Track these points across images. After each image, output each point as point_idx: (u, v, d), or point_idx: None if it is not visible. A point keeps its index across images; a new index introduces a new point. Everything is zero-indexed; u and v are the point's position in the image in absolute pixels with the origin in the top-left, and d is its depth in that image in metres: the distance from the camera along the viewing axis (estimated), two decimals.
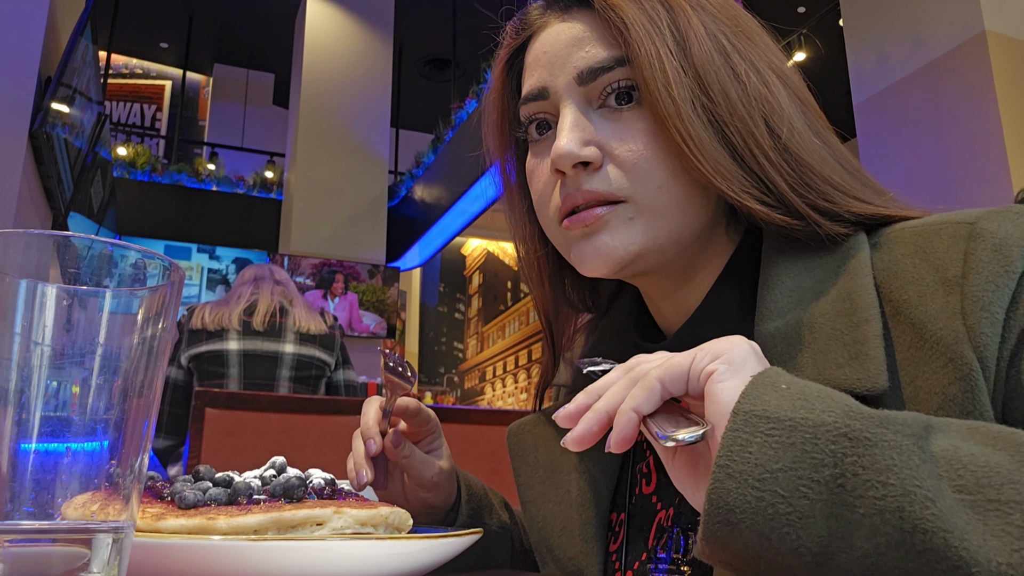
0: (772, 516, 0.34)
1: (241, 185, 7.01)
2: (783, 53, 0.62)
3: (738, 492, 0.35)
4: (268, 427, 2.16)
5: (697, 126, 0.52)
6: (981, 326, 0.45)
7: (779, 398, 0.37)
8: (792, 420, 0.35)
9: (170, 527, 0.45)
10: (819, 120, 0.59)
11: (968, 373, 0.45)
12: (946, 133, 3.31)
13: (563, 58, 0.57)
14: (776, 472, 0.35)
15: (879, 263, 0.52)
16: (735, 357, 0.41)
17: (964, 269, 0.47)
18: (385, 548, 0.46)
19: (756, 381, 0.38)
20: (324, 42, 6.58)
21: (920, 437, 0.35)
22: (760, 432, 0.35)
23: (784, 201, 0.54)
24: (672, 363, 0.41)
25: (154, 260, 0.36)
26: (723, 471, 0.36)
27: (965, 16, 3.25)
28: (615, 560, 0.61)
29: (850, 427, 0.34)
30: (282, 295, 2.59)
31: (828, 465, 0.34)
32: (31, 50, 3.32)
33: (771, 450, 0.35)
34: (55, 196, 3.69)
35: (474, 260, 8.69)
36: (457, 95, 6.31)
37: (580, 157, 0.55)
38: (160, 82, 8.49)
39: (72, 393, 0.33)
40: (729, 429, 0.36)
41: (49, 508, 0.32)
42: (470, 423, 1.73)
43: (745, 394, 0.37)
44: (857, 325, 0.49)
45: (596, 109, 0.57)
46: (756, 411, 0.36)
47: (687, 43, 0.54)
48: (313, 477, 0.55)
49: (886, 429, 0.34)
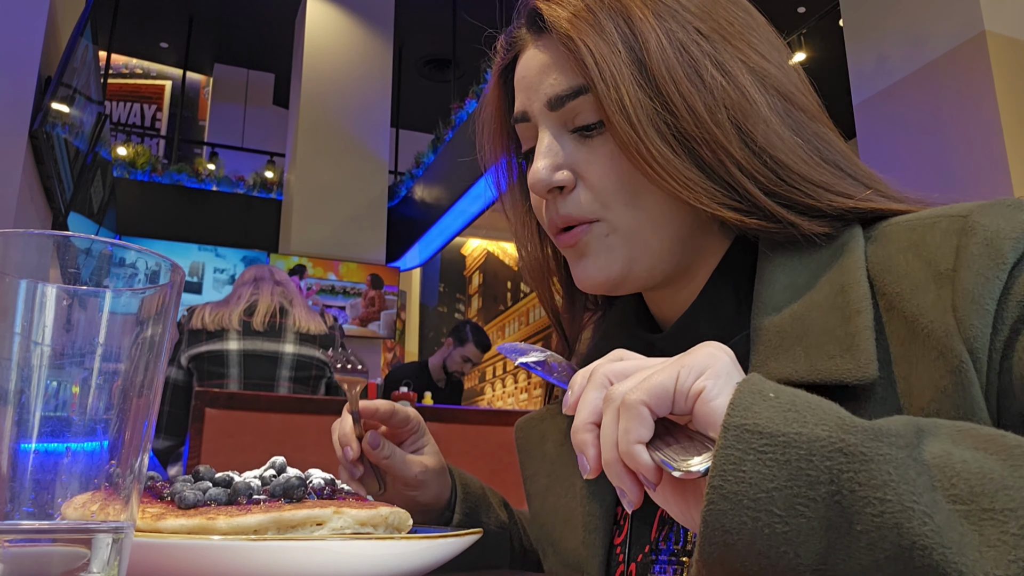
0: (769, 536, 0.34)
1: (241, 185, 7.01)
2: (779, 43, 0.61)
3: (734, 514, 0.34)
4: (268, 427, 2.16)
5: (659, 145, 0.52)
6: (971, 318, 0.45)
7: (770, 409, 0.36)
8: (785, 436, 0.34)
9: (170, 527, 0.45)
10: (805, 113, 0.58)
11: (959, 366, 0.45)
12: (946, 133, 3.31)
13: (535, 84, 0.59)
14: (771, 491, 0.34)
15: (873, 257, 0.52)
16: (720, 371, 0.39)
17: (955, 263, 0.47)
18: (385, 548, 0.46)
19: (742, 390, 0.37)
20: (324, 42, 6.58)
21: (913, 446, 0.34)
22: (753, 449, 0.34)
23: (758, 205, 0.54)
24: (654, 384, 0.39)
25: (154, 260, 0.36)
26: (717, 492, 0.35)
27: (965, 16, 3.25)
28: (619, 553, 0.61)
29: (845, 441, 0.34)
30: (282, 295, 2.59)
31: (824, 482, 0.33)
32: (31, 50, 3.32)
33: (765, 468, 0.34)
34: (55, 196, 3.69)
35: (474, 260, 8.69)
36: (457, 95, 6.31)
37: (552, 183, 0.57)
38: (160, 82, 8.50)
39: (72, 393, 0.33)
40: (721, 446, 0.35)
41: (49, 508, 0.32)
42: (470, 423, 1.73)
43: (734, 405, 0.36)
44: (849, 318, 0.49)
45: (570, 132, 0.58)
46: (747, 425, 0.35)
47: (647, 61, 0.54)
48: (313, 477, 0.55)
49: (880, 442, 0.34)
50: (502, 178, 0.69)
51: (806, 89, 0.60)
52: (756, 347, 0.53)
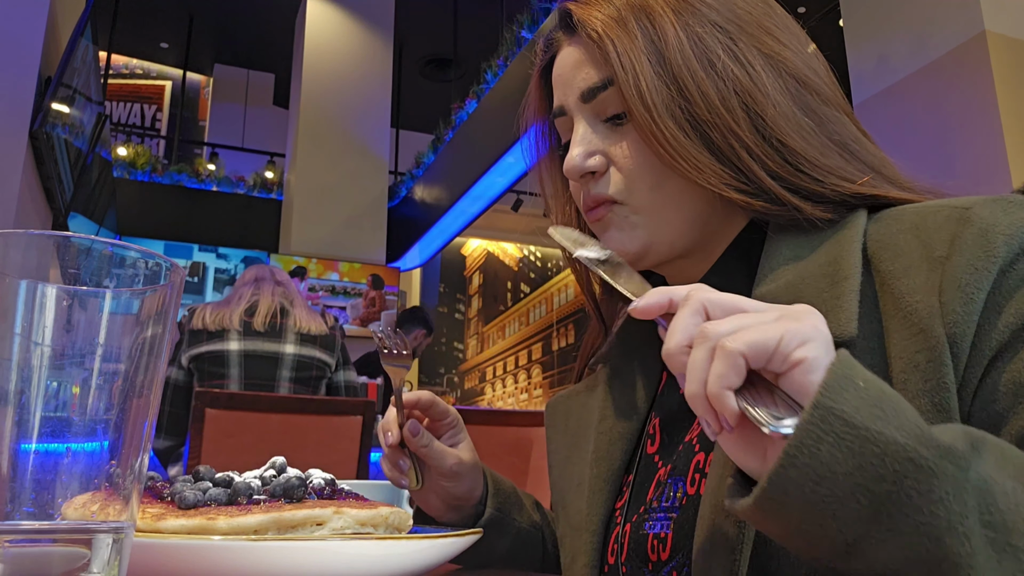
0: (822, 511, 0.37)
1: (241, 185, 7.01)
2: (796, 29, 0.65)
3: (799, 482, 0.37)
4: (268, 427, 2.16)
5: (674, 129, 0.57)
6: (953, 304, 0.47)
7: (858, 399, 0.37)
8: (868, 431, 0.36)
9: (170, 527, 0.45)
10: (819, 97, 0.61)
11: (935, 346, 0.47)
12: (946, 133, 3.32)
13: (570, 80, 0.65)
14: (839, 475, 0.36)
15: (874, 235, 0.55)
16: (821, 345, 0.40)
17: (949, 250, 0.49)
18: (385, 548, 0.46)
19: (835, 373, 0.38)
20: (324, 42, 6.58)
21: (969, 468, 0.37)
22: (834, 432, 0.36)
23: (763, 188, 0.57)
24: (756, 339, 0.40)
25: (154, 260, 0.36)
26: (791, 460, 0.37)
27: (965, 16, 3.25)
28: (618, 516, 0.64)
29: (919, 453, 0.36)
30: (283, 296, 2.59)
31: (888, 481, 0.36)
32: (31, 50, 3.33)
33: (839, 453, 0.36)
34: (55, 196, 3.69)
35: (474, 260, 8.69)
36: (457, 95, 6.30)
37: (585, 169, 0.62)
38: (160, 82, 8.49)
39: (72, 393, 0.33)
40: (806, 420, 0.37)
41: (49, 508, 0.32)
42: (470, 423, 1.73)
43: (827, 386, 0.37)
44: (837, 283, 0.52)
45: (603, 122, 0.63)
46: (835, 410, 0.37)
47: (665, 52, 0.59)
48: (313, 477, 0.55)
49: (948, 462, 0.36)
50: (545, 170, 0.75)
51: (825, 74, 0.63)
52: None
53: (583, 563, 0.64)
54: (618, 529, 0.63)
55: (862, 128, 0.64)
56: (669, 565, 0.57)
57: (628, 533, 0.62)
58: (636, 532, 0.61)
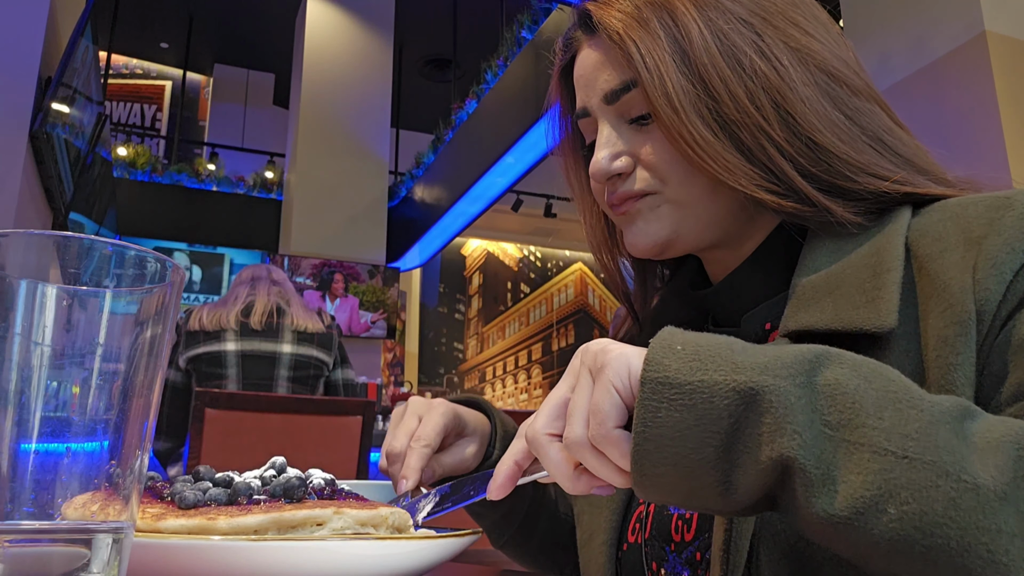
0: (687, 465, 0.40)
1: (241, 185, 7.00)
2: (824, 18, 0.63)
3: (657, 452, 0.40)
4: (268, 427, 2.16)
5: (702, 130, 0.56)
6: (987, 281, 0.48)
7: (678, 361, 0.41)
8: (691, 384, 0.40)
9: (170, 527, 0.45)
10: (849, 88, 0.59)
11: (964, 320, 0.48)
12: (946, 133, 3.31)
13: (591, 82, 0.63)
14: (684, 431, 0.39)
15: (916, 226, 0.55)
16: (616, 357, 0.43)
17: (988, 231, 0.50)
18: (385, 548, 0.46)
19: (653, 348, 0.42)
20: (324, 42, 6.57)
21: (802, 374, 0.39)
22: (666, 399, 0.40)
23: (794, 188, 0.56)
24: (595, 407, 0.43)
25: (154, 260, 0.36)
26: (640, 436, 0.40)
27: (965, 17, 3.25)
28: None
29: (736, 381, 0.39)
30: (279, 295, 2.58)
31: (724, 417, 0.39)
32: (31, 50, 3.32)
33: (677, 412, 0.40)
34: (55, 196, 3.69)
35: (474, 261, 8.69)
36: (457, 95, 6.30)
37: (611, 172, 0.61)
38: (160, 82, 8.49)
39: (72, 393, 0.33)
40: (640, 399, 0.40)
41: (49, 508, 0.32)
42: None
43: (648, 361, 0.41)
44: (879, 274, 0.52)
45: (628, 123, 0.62)
46: (660, 378, 0.40)
47: (689, 51, 0.57)
48: (313, 477, 0.55)
49: (766, 375, 0.39)
50: (570, 171, 0.74)
51: (854, 62, 0.62)
52: (791, 301, 0.56)
53: (601, 540, 0.65)
54: (641, 508, 0.63)
55: (894, 116, 0.62)
56: (692, 545, 0.58)
57: (652, 513, 0.62)
58: (660, 512, 0.61)
